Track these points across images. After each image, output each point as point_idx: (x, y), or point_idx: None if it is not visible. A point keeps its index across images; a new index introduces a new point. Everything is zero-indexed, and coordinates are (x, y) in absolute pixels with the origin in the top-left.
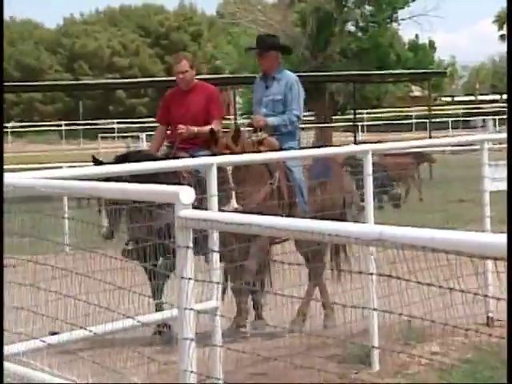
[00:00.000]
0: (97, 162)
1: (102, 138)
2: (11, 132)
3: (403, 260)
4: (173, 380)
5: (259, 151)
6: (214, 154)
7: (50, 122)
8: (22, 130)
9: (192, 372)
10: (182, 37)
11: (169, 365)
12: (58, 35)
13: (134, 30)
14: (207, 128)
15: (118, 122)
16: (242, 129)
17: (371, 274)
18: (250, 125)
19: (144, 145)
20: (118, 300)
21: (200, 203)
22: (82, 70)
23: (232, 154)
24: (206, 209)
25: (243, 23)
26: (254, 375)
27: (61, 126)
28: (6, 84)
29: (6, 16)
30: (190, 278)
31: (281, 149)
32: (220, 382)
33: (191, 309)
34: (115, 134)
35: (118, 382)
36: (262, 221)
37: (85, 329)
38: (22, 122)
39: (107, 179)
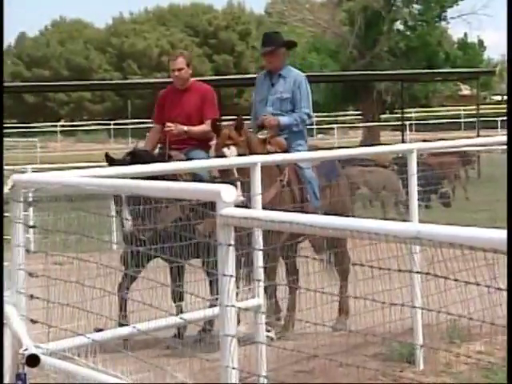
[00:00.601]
0: (108, 159)
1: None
2: (60, 131)
3: (441, 259)
4: (216, 378)
5: (266, 150)
6: (209, 155)
7: (98, 120)
8: (71, 129)
9: (234, 368)
10: (230, 36)
11: (213, 362)
12: (108, 35)
13: (182, 29)
14: (199, 128)
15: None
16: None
17: (419, 272)
18: (261, 125)
19: None
20: (161, 297)
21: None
22: (131, 69)
23: (236, 144)
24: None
25: (291, 22)
26: (298, 373)
27: (109, 124)
28: (56, 83)
29: (57, 15)
30: (231, 276)
31: (289, 147)
32: (264, 379)
33: (232, 306)
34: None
35: (162, 379)
36: (302, 219)
37: (129, 325)
38: (71, 121)
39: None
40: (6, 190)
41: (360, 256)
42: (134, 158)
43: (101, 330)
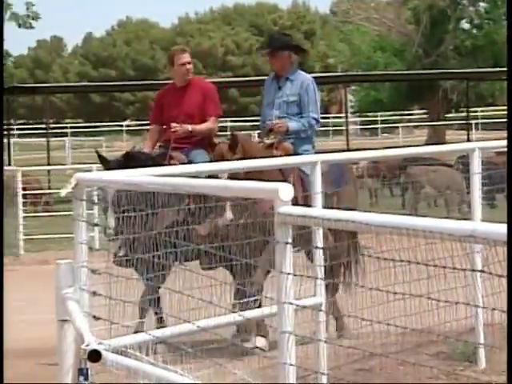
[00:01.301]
0: (101, 159)
1: (215, 136)
2: (126, 130)
3: (498, 259)
4: (275, 376)
5: (272, 156)
6: (210, 155)
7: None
8: (137, 128)
9: (291, 365)
10: (294, 35)
11: (271, 359)
12: (173, 34)
13: (247, 28)
14: (203, 126)
15: (231, 121)
16: (238, 134)
17: (482, 271)
18: (270, 129)
19: None
20: (220, 295)
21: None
22: (196, 69)
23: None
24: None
25: (356, 21)
26: (358, 371)
27: None
28: (122, 83)
29: (123, 16)
30: (288, 273)
31: (295, 153)
32: (323, 376)
33: (290, 303)
34: (228, 133)
35: (221, 377)
36: (359, 217)
37: (190, 322)
38: (137, 120)
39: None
40: (69, 188)
41: (416, 255)
42: (128, 159)
43: (164, 327)
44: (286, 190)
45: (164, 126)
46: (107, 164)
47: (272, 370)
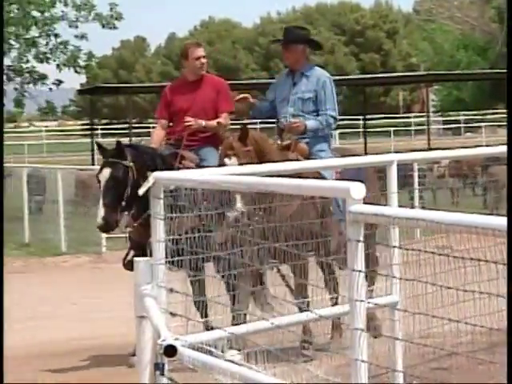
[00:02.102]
0: (100, 148)
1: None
2: None
3: None
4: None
5: (286, 157)
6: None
7: (244, 119)
8: None
9: (363, 362)
10: (377, 34)
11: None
12: (255, 34)
13: (329, 27)
14: (215, 122)
15: None
16: (249, 127)
17: None
18: (289, 128)
19: (337, 143)
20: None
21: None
22: (278, 69)
23: (236, 155)
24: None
25: (439, 20)
26: (435, 370)
27: (256, 123)
28: None
29: (206, 16)
30: (360, 271)
31: (310, 153)
32: (400, 374)
33: (361, 301)
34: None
35: (295, 373)
36: (430, 215)
37: (265, 320)
38: None
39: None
40: (147, 186)
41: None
42: (121, 148)
43: (236, 325)
44: (357, 189)
45: (171, 122)
46: (105, 153)
47: (345, 368)
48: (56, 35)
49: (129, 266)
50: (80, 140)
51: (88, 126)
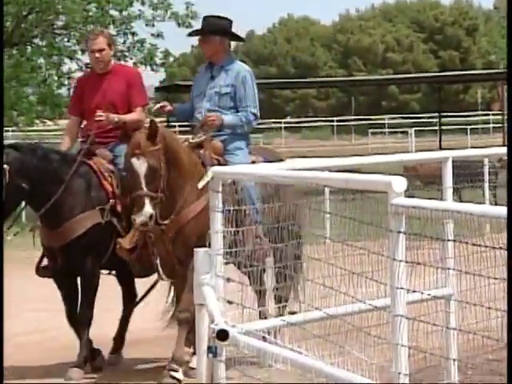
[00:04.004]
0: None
1: (373, 133)
2: (285, 128)
3: None
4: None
5: (198, 156)
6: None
7: (322, 117)
8: (295, 125)
9: (403, 346)
10: (456, 32)
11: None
12: (333, 31)
13: (408, 25)
14: (130, 116)
15: (390, 118)
16: (158, 124)
17: None
18: (204, 123)
19: (413, 140)
20: (357, 284)
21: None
22: (356, 66)
23: (144, 154)
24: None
25: None
26: (491, 361)
27: (332, 121)
28: (282, 81)
29: (285, 13)
30: (400, 261)
31: (226, 150)
32: (454, 363)
33: (401, 288)
34: (385, 130)
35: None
36: (471, 208)
37: (320, 310)
38: (298, 117)
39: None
40: (205, 181)
41: None
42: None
43: (294, 313)
44: (398, 182)
45: (84, 118)
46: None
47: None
48: (133, 34)
49: (44, 272)
50: None
51: (165, 124)
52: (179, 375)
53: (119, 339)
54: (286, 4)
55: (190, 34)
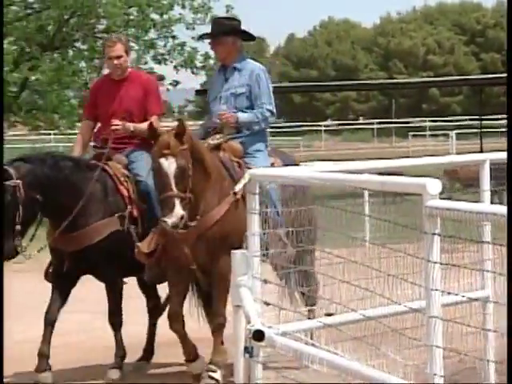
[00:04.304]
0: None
1: (413, 136)
2: (325, 130)
3: None
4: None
5: (219, 159)
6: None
7: (363, 120)
8: (335, 128)
9: (438, 347)
10: (498, 34)
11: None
12: (374, 34)
13: (449, 27)
14: (145, 125)
15: (430, 121)
16: (186, 124)
17: None
18: (219, 121)
19: (454, 143)
20: (393, 287)
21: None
22: (397, 69)
23: (174, 154)
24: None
25: None
26: None
27: (373, 124)
28: (323, 83)
29: (325, 16)
30: (435, 262)
31: (245, 153)
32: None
33: (436, 290)
34: (426, 133)
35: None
36: (499, 210)
37: (356, 311)
38: (338, 120)
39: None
40: (243, 183)
41: None
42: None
43: (331, 315)
44: (433, 185)
45: (96, 124)
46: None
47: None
48: (173, 37)
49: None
50: None
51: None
52: (217, 375)
53: (149, 347)
54: (326, 7)
55: (201, 37)
